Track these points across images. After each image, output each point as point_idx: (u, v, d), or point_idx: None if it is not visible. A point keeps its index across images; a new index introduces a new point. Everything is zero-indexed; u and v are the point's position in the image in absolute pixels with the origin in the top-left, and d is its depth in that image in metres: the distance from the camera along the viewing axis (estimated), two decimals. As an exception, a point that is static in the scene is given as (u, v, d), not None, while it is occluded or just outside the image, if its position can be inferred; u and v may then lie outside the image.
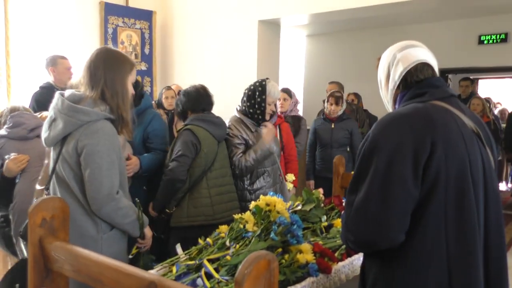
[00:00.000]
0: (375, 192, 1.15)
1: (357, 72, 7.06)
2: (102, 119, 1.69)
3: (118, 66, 1.76)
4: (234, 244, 1.56)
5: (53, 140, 1.72)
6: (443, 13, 5.92)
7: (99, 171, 1.65)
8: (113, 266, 1.15)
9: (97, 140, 1.66)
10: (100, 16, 5.27)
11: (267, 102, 2.71)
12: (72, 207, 1.62)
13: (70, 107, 1.67)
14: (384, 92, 1.42)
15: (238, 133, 2.69)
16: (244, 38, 5.16)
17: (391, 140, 1.17)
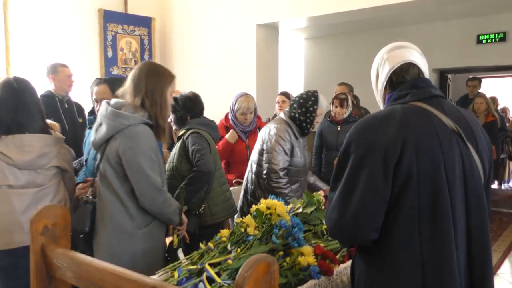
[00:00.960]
0: (347, 191, 1.22)
1: (356, 74, 7.07)
2: (140, 123, 1.86)
3: (158, 77, 1.94)
4: (236, 248, 1.56)
5: (98, 142, 1.90)
6: (441, 14, 5.93)
7: (143, 171, 1.83)
8: (115, 272, 1.15)
9: (136, 142, 1.83)
10: (99, 23, 5.30)
11: (317, 113, 2.75)
12: (112, 204, 1.87)
13: (113, 112, 1.86)
14: (375, 93, 1.45)
15: (288, 138, 2.71)
16: (243, 42, 5.18)
17: (363, 141, 1.23)
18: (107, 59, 5.40)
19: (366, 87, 6.68)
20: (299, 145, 2.78)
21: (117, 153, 1.84)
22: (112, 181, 1.87)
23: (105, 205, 1.90)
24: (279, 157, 2.65)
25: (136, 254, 1.86)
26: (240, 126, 3.29)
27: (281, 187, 2.63)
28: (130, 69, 5.56)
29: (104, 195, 1.89)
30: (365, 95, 5.80)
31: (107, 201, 1.89)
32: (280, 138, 2.68)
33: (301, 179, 2.80)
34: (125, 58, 5.58)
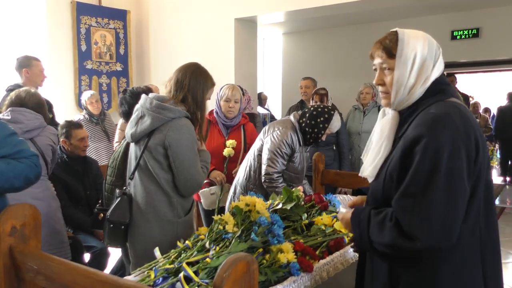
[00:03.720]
0: (439, 192, 1.14)
1: (333, 68, 7.11)
2: (184, 117, 1.96)
3: (202, 79, 2.05)
4: (214, 246, 1.53)
5: (140, 134, 1.97)
6: (417, 10, 6.01)
7: (189, 162, 1.94)
8: (87, 274, 1.10)
9: (182, 134, 1.93)
10: (72, 16, 5.14)
11: (325, 132, 2.72)
12: (154, 194, 1.97)
13: (158, 105, 1.93)
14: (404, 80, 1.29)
15: (291, 142, 2.68)
16: (220, 37, 5.12)
17: (444, 139, 1.16)
18: (81, 53, 5.25)
19: (343, 81, 6.76)
20: (301, 152, 2.78)
21: (162, 145, 1.92)
22: (154, 172, 1.96)
23: (147, 195, 1.98)
24: (277, 160, 2.65)
25: (176, 241, 1.85)
26: (223, 119, 3.08)
27: (276, 186, 2.64)
28: (105, 63, 5.47)
29: (146, 185, 1.98)
30: (343, 89, 5.84)
31: (149, 191, 1.97)
32: (282, 142, 2.66)
33: (294, 185, 2.78)
34: (99, 52, 5.43)
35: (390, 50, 1.32)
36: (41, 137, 2.59)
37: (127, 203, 2.01)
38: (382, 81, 1.35)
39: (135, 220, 2.01)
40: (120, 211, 2.00)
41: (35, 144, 2.55)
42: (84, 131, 3.21)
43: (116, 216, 2.00)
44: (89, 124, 4.23)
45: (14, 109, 2.54)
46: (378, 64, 1.36)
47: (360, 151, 4.60)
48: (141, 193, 2.00)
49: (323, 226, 1.88)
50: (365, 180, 2.67)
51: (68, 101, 5.16)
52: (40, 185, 2.55)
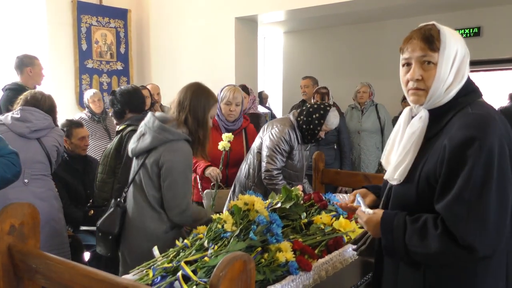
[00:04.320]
0: (493, 197, 1.10)
1: (334, 67, 7.10)
2: (182, 140, 1.98)
3: (203, 98, 2.06)
4: (213, 245, 1.53)
5: (139, 151, 2.02)
6: (418, 8, 5.99)
7: (176, 184, 1.94)
8: (85, 273, 1.11)
9: (176, 157, 1.94)
10: (72, 15, 5.15)
11: (322, 128, 2.71)
12: (145, 210, 1.99)
13: (159, 126, 1.97)
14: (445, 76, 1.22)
15: (288, 139, 2.68)
16: (221, 36, 5.11)
17: (493, 140, 1.12)
18: (82, 52, 5.25)
19: (343, 80, 6.76)
20: (300, 150, 2.77)
21: (157, 164, 1.95)
22: (146, 189, 1.99)
23: (138, 210, 2.01)
24: (276, 157, 2.66)
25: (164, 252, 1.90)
26: (225, 122, 2.95)
27: (276, 183, 2.64)
28: (106, 62, 5.48)
29: (138, 200, 2.01)
30: (343, 88, 5.83)
31: (140, 206, 2.01)
32: (281, 139, 2.67)
33: (294, 183, 2.77)
34: (100, 51, 5.44)
35: (434, 42, 1.21)
36: (48, 138, 2.62)
37: (118, 215, 2.05)
38: (420, 76, 1.23)
39: (125, 231, 2.05)
40: (110, 222, 2.05)
41: (42, 144, 2.58)
42: (84, 130, 3.21)
43: (105, 226, 2.05)
44: (91, 123, 4.24)
45: (24, 108, 2.58)
46: (416, 57, 1.24)
47: (360, 149, 4.60)
48: (132, 207, 2.04)
49: (322, 225, 1.87)
50: (365, 180, 2.70)
51: (68, 100, 5.17)
52: (43, 184, 2.56)
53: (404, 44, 1.30)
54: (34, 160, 2.53)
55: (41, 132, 2.58)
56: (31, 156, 2.51)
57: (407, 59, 1.27)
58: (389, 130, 4.71)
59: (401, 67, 1.31)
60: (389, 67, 6.62)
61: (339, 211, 2.05)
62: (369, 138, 4.59)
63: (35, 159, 2.53)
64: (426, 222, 1.16)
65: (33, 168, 2.52)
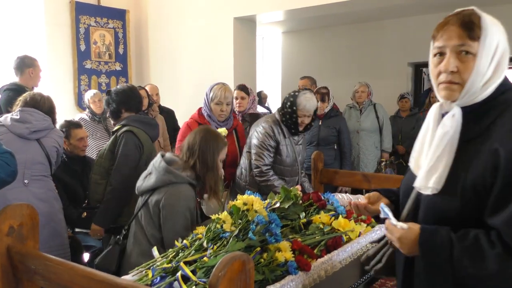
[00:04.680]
0: None
1: (333, 67, 7.10)
2: (185, 183, 1.99)
3: (212, 142, 2.08)
4: (212, 245, 1.53)
5: (144, 189, 2.05)
6: (416, 8, 6.00)
7: (175, 227, 1.93)
8: (84, 273, 1.11)
9: (177, 201, 1.95)
10: (71, 15, 5.14)
11: (298, 115, 2.69)
12: (143, 247, 1.99)
13: (165, 167, 2.00)
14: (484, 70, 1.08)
15: (272, 134, 2.69)
16: (220, 36, 5.11)
17: None
18: (80, 52, 5.25)
19: (342, 80, 6.76)
20: (288, 144, 2.76)
21: (158, 205, 1.97)
22: (146, 228, 2.01)
23: (137, 247, 2.02)
24: (263, 153, 2.67)
25: None
26: (217, 123, 2.87)
27: (268, 179, 2.65)
28: (104, 63, 5.47)
29: (138, 237, 2.03)
30: (342, 88, 5.83)
31: (139, 244, 2.02)
32: (265, 135, 2.69)
33: (287, 178, 2.78)
34: (98, 51, 5.43)
35: (474, 29, 1.07)
36: (48, 139, 2.63)
37: (117, 253, 2.08)
38: (456, 67, 1.08)
39: (123, 269, 2.05)
40: (108, 261, 2.08)
41: (41, 145, 2.59)
42: (83, 131, 3.21)
43: (104, 264, 2.08)
44: (91, 123, 4.24)
45: (23, 109, 2.58)
46: (452, 45, 1.09)
47: (358, 149, 4.61)
48: (132, 243, 2.06)
49: (321, 225, 1.88)
50: (364, 179, 2.69)
51: (67, 101, 5.16)
52: (42, 185, 2.56)
53: (437, 31, 1.14)
54: (34, 161, 2.53)
55: (41, 133, 2.59)
56: (31, 157, 2.52)
57: (441, 48, 1.12)
58: (387, 129, 4.72)
59: (432, 57, 1.17)
60: (387, 67, 6.64)
61: (338, 211, 2.05)
62: (368, 138, 4.60)
63: (35, 160, 2.54)
64: (478, 239, 1.01)
65: (33, 169, 2.52)
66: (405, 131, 5.07)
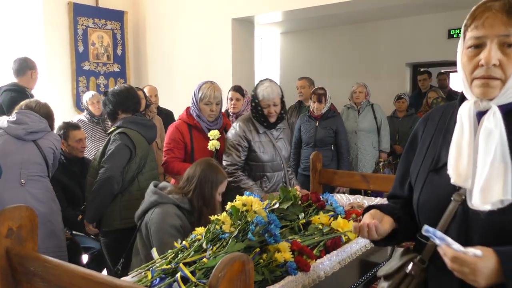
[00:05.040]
0: None
1: (331, 68, 7.12)
2: (170, 204, 2.00)
3: (211, 175, 2.09)
4: (211, 246, 1.53)
5: (137, 216, 2.11)
6: (414, 8, 6.02)
7: (161, 244, 1.91)
8: (83, 275, 1.10)
9: (161, 218, 1.95)
10: (69, 17, 5.14)
11: (262, 106, 2.64)
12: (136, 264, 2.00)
13: (152, 189, 2.08)
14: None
15: (242, 132, 2.66)
16: (218, 37, 5.12)
17: None
18: (78, 54, 5.24)
19: (340, 81, 6.75)
20: (262, 140, 2.71)
21: (146, 227, 2.01)
22: (141, 251, 2.05)
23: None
24: (230, 154, 2.66)
25: None
26: (207, 123, 2.79)
27: (234, 180, 2.61)
28: (103, 64, 5.47)
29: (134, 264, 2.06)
30: (340, 89, 5.84)
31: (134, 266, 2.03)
32: (235, 135, 2.68)
33: (269, 174, 2.71)
34: (96, 53, 5.43)
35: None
36: (44, 140, 2.66)
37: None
38: (498, 60, 0.95)
39: None
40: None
41: (38, 146, 2.61)
42: (81, 132, 3.21)
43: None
44: (90, 125, 4.23)
45: (20, 111, 2.63)
46: (496, 35, 0.96)
47: (357, 149, 4.62)
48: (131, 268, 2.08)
49: (320, 226, 1.88)
50: (363, 179, 2.70)
51: (65, 102, 5.16)
52: (39, 186, 2.57)
53: (472, 18, 1.01)
54: (30, 161, 2.55)
55: (37, 135, 2.61)
56: (27, 158, 2.54)
57: (479, 39, 0.98)
58: (385, 129, 4.74)
59: (463, 49, 1.03)
60: (385, 67, 6.66)
61: (337, 211, 2.05)
62: (366, 138, 4.61)
63: (31, 160, 2.56)
64: None
65: (30, 169, 2.55)
66: (402, 131, 5.08)
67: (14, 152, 2.52)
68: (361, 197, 2.67)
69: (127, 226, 2.46)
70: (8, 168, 2.47)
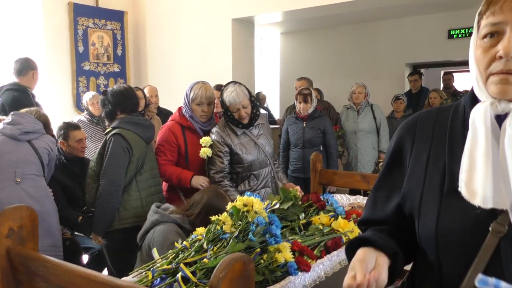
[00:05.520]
0: None
1: (331, 68, 7.12)
2: (170, 222, 2.01)
3: (218, 203, 2.07)
4: (212, 247, 1.53)
5: (139, 236, 2.10)
6: (414, 9, 6.02)
7: None
8: (84, 275, 1.10)
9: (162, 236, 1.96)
10: (69, 17, 5.14)
11: (231, 111, 2.57)
12: None
13: (153, 209, 2.11)
14: None
15: (220, 139, 2.59)
16: (218, 37, 5.12)
17: None
18: (78, 54, 5.24)
19: (340, 81, 6.76)
20: (243, 141, 2.63)
21: (148, 245, 2.01)
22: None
23: None
24: (214, 161, 2.59)
25: None
26: (200, 124, 2.74)
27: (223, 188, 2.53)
28: (103, 64, 5.47)
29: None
30: (340, 89, 5.85)
31: None
32: (215, 143, 2.59)
33: (255, 172, 2.64)
34: (97, 53, 5.43)
35: None
36: (39, 141, 2.70)
37: None
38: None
39: None
40: None
41: (33, 146, 2.66)
42: (82, 132, 3.21)
43: None
44: (90, 125, 4.23)
45: (15, 113, 2.69)
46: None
47: (356, 150, 4.62)
48: None
49: (320, 226, 1.88)
50: (363, 180, 2.70)
51: (65, 102, 5.16)
52: (34, 184, 2.59)
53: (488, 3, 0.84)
54: (25, 160, 2.60)
55: (32, 135, 2.66)
56: (22, 157, 2.59)
57: (497, 25, 0.82)
58: (385, 130, 4.74)
59: (478, 39, 0.89)
60: (385, 67, 6.66)
61: (337, 211, 2.05)
62: (366, 138, 4.61)
63: (26, 159, 2.60)
64: None
65: (25, 167, 2.59)
66: (399, 132, 5.07)
67: (9, 151, 2.56)
68: (361, 197, 2.68)
69: (125, 227, 2.49)
70: (3, 167, 2.53)
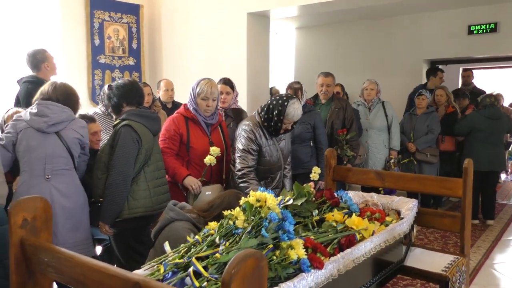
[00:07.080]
0: None
1: (347, 64, 7.04)
2: (184, 220, 2.03)
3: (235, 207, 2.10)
4: (224, 242, 1.52)
5: (155, 230, 2.11)
6: (433, 4, 5.90)
7: None
8: (96, 267, 1.10)
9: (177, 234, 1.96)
10: (85, 10, 5.17)
11: (284, 122, 2.72)
12: None
13: (169, 206, 2.12)
14: None
15: (254, 137, 2.71)
16: (233, 31, 5.09)
17: None
18: (94, 47, 5.28)
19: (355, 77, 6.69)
20: (270, 145, 2.79)
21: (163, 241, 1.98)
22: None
23: None
24: (246, 157, 2.70)
25: None
26: (204, 117, 2.87)
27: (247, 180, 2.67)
28: (118, 58, 5.50)
29: None
30: (354, 85, 5.77)
31: None
32: (247, 139, 2.70)
33: (272, 175, 2.81)
34: (112, 46, 5.46)
35: None
36: (67, 130, 2.60)
37: None
38: None
39: None
40: None
41: (61, 138, 2.58)
42: (97, 125, 3.23)
43: None
44: (105, 118, 4.25)
45: (40, 102, 2.57)
46: None
47: (367, 147, 4.57)
48: None
49: (334, 223, 1.85)
50: (378, 177, 2.65)
51: (81, 95, 5.09)
52: (64, 180, 2.56)
53: None
54: (54, 155, 2.53)
55: (59, 126, 2.56)
56: (51, 151, 2.52)
57: None
58: (396, 127, 4.67)
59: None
60: (402, 63, 6.56)
61: (351, 209, 2.02)
62: (377, 136, 4.57)
63: (55, 154, 2.54)
64: None
65: (54, 163, 2.53)
66: (417, 129, 5.00)
67: (37, 146, 2.50)
68: (375, 195, 2.63)
69: (134, 216, 2.56)
70: (33, 163, 2.49)
